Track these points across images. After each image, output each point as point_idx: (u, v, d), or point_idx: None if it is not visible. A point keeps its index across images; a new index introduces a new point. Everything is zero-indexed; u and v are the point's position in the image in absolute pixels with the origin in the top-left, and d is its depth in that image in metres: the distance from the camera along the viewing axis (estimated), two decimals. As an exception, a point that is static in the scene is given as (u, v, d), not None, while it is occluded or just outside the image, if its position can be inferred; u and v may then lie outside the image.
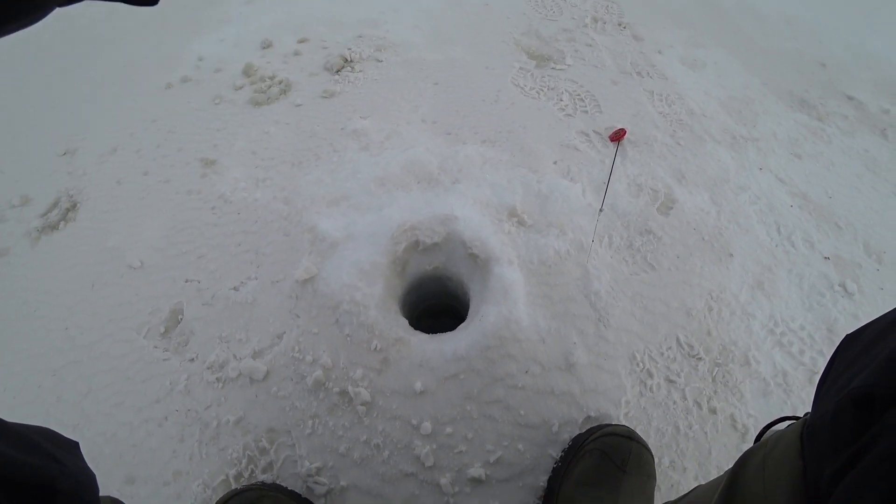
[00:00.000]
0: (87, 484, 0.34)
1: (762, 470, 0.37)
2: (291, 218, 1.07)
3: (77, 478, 0.33)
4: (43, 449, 0.33)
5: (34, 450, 0.33)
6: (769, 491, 0.35)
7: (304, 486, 0.82)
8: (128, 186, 1.36)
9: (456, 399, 0.82)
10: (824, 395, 0.35)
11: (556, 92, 1.41)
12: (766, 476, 0.37)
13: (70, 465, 0.34)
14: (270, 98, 1.41)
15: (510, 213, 1.02)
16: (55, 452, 0.34)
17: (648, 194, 1.20)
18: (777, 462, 0.36)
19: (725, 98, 1.58)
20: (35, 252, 1.30)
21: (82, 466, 0.35)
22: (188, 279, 1.09)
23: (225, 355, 0.95)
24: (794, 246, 1.23)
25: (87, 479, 0.35)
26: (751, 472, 0.38)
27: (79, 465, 0.35)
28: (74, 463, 0.35)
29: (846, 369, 0.34)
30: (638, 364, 0.94)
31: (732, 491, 0.39)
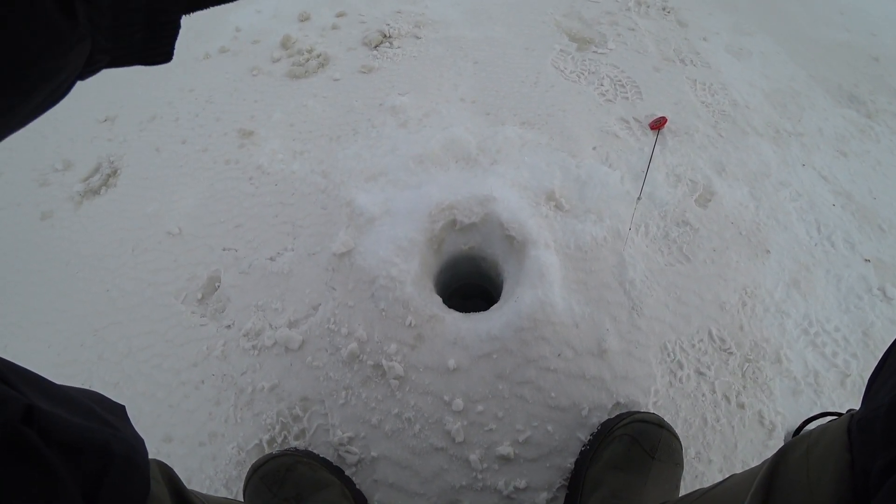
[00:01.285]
0: (140, 448, 0.35)
1: (806, 460, 0.37)
2: (329, 191, 1.08)
3: (130, 442, 0.34)
4: (96, 413, 0.34)
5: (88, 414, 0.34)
6: (813, 481, 0.35)
7: (336, 454, 0.84)
8: (166, 154, 1.38)
9: (488, 378, 0.83)
10: (877, 391, 0.35)
11: (597, 76, 1.38)
12: (809, 466, 0.36)
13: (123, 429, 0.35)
14: (308, 71, 1.40)
15: (548, 196, 1.01)
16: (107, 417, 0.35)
17: (687, 185, 1.18)
18: (822, 453, 0.36)
19: (770, 90, 1.53)
20: (77, 216, 1.34)
21: (133, 431, 0.36)
22: (225, 247, 1.11)
23: (261, 324, 0.97)
24: (834, 246, 1.20)
25: (139, 443, 0.36)
26: (793, 463, 0.38)
27: (129, 429, 0.36)
28: (125, 427, 0.36)
29: None
30: (669, 354, 0.94)
31: (773, 479, 0.39)
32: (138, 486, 0.35)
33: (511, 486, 0.78)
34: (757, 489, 0.39)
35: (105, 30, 0.24)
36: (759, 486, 0.39)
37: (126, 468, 0.33)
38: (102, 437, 0.32)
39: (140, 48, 0.27)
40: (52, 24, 0.21)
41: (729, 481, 0.50)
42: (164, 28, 0.27)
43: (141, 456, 0.35)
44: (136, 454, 0.34)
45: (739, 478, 0.48)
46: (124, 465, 0.33)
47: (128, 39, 0.26)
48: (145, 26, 0.26)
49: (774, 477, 0.39)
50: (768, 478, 0.39)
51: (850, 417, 0.36)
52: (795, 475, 0.37)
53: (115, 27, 0.24)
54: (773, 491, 0.38)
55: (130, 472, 0.34)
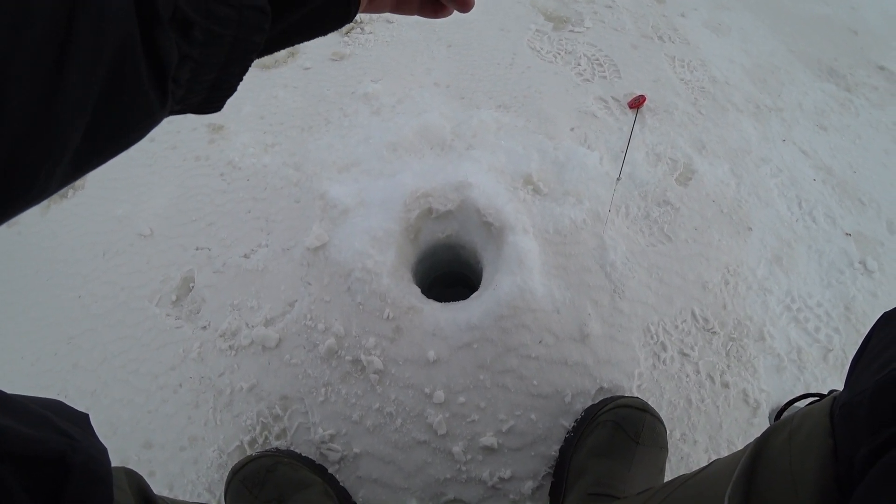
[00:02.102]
0: (99, 458, 0.34)
1: (788, 447, 0.36)
2: (302, 184, 1.05)
3: (90, 452, 0.32)
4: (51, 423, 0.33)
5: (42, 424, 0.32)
6: (796, 468, 0.34)
7: (318, 452, 0.82)
8: (134, 154, 1.34)
9: (469, 368, 0.81)
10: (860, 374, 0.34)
11: (574, 56, 1.35)
12: (792, 453, 0.35)
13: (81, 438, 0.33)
14: (278, 61, 1.36)
15: (526, 180, 0.99)
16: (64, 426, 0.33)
17: (667, 164, 1.16)
18: (804, 440, 0.35)
19: (750, 65, 1.51)
20: (45, 221, 1.29)
21: (93, 440, 0.35)
22: (198, 247, 1.08)
23: (237, 323, 0.94)
24: (816, 221, 1.20)
25: (99, 452, 0.34)
26: (776, 449, 0.37)
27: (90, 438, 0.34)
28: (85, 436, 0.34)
29: (885, 348, 0.32)
30: (652, 336, 0.93)
31: (755, 466, 0.38)
32: (100, 496, 0.33)
33: (496, 477, 0.77)
34: (739, 476, 0.38)
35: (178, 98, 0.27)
36: (742, 472, 0.38)
37: (85, 478, 0.31)
38: (58, 448, 0.30)
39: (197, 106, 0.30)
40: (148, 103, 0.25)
41: (711, 467, 0.50)
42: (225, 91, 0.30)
43: (101, 465, 0.34)
44: (96, 463, 0.33)
45: (722, 463, 0.47)
46: (83, 476, 0.31)
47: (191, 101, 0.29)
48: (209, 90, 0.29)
49: (757, 463, 0.38)
50: (751, 464, 0.38)
51: (832, 401, 0.36)
52: (778, 462, 0.36)
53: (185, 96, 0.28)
54: (756, 478, 0.37)
55: (90, 482, 0.32)
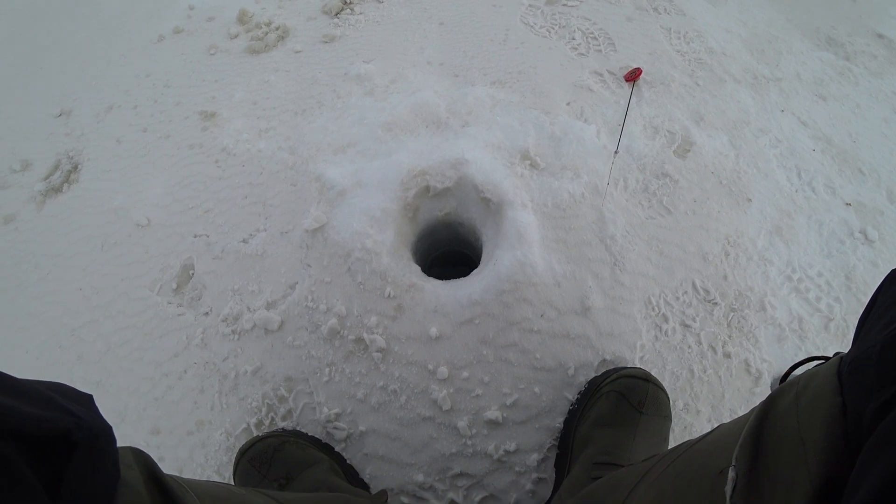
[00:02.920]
0: (104, 435, 0.34)
1: (795, 407, 0.35)
2: (298, 167, 1.04)
3: (94, 430, 0.32)
4: (56, 402, 0.33)
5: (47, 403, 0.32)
6: (804, 426, 0.33)
7: (324, 431, 0.83)
8: (128, 144, 1.33)
9: (472, 343, 0.81)
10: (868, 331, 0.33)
11: (568, 30, 1.33)
12: (799, 412, 0.35)
13: (85, 416, 0.33)
14: (268, 45, 1.34)
15: (523, 155, 0.98)
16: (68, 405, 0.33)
17: (665, 136, 1.15)
18: (812, 399, 0.34)
19: (748, 35, 1.49)
20: (42, 216, 1.29)
21: (98, 418, 0.34)
22: (196, 234, 1.07)
23: (238, 307, 0.94)
24: (815, 191, 1.19)
25: (104, 430, 0.34)
26: (782, 409, 0.36)
27: (94, 416, 0.34)
28: (89, 415, 0.34)
29: (892, 305, 0.32)
30: (653, 308, 0.93)
31: (762, 428, 0.37)
32: (106, 473, 0.34)
33: (501, 450, 0.78)
34: (746, 437, 0.38)
35: None
36: (749, 434, 0.38)
37: (90, 455, 0.32)
38: (62, 426, 0.30)
39: None
40: None
41: (716, 432, 0.49)
42: None
43: (107, 442, 0.34)
44: (101, 440, 0.33)
45: (726, 428, 0.46)
46: (88, 453, 0.31)
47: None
48: None
49: (763, 424, 0.37)
50: (757, 427, 0.37)
51: (839, 360, 0.35)
52: (785, 422, 0.35)
53: None
54: (763, 438, 0.37)
55: (95, 459, 0.32)
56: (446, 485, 0.78)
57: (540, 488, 0.78)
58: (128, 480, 0.35)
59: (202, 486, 0.49)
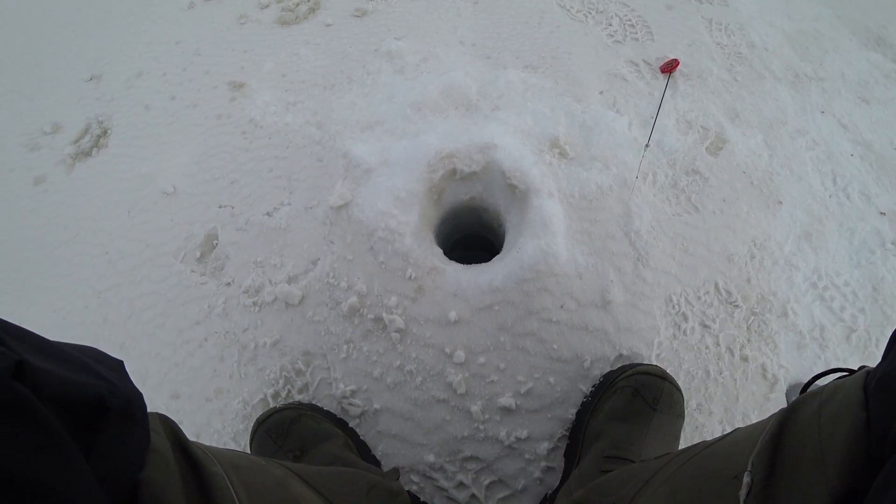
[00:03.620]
0: (137, 402, 0.34)
1: (818, 417, 0.35)
2: (324, 143, 1.04)
3: (127, 396, 0.33)
4: (91, 368, 0.33)
5: (82, 369, 0.33)
6: (825, 439, 0.33)
7: (339, 407, 0.85)
8: (156, 112, 1.33)
9: (490, 330, 0.82)
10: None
11: (605, 16, 1.29)
12: (822, 424, 0.34)
13: (118, 383, 0.33)
14: (299, 17, 1.33)
15: (552, 143, 0.97)
16: (102, 371, 0.34)
17: (698, 132, 1.12)
18: (836, 411, 0.34)
19: (792, 31, 1.43)
20: (71, 179, 1.31)
21: (130, 385, 0.35)
22: (221, 205, 1.08)
23: (261, 280, 0.96)
24: (850, 198, 1.15)
25: (136, 397, 0.35)
26: (804, 419, 0.36)
27: (126, 383, 0.35)
28: (122, 381, 0.34)
29: None
30: (674, 306, 0.92)
31: (782, 436, 0.36)
32: (137, 438, 0.34)
33: (512, 437, 0.79)
34: (764, 445, 0.37)
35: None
36: (767, 441, 0.37)
37: (123, 421, 0.32)
38: (97, 392, 0.31)
39: None
40: None
41: (733, 435, 0.49)
42: None
43: (139, 409, 0.35)
44: (134, 407, 0.34)
45: (744, 432, 0.46)
46: (121, 419, 0.32)
47: None
48: None
49: (784, 433, 0.36)
50: (777, 434, 0.37)
51: (866, 374, 0.34)
52: (806, 432, 0.35)
53: None
54: (782, 447, 0.36)
55: (128, 425, 0.33)
56: (456, 467, 0.79)
57: (548, 477, 0.79)
58: (156, 446, 0.36)
59: (223, 454, 0.50)
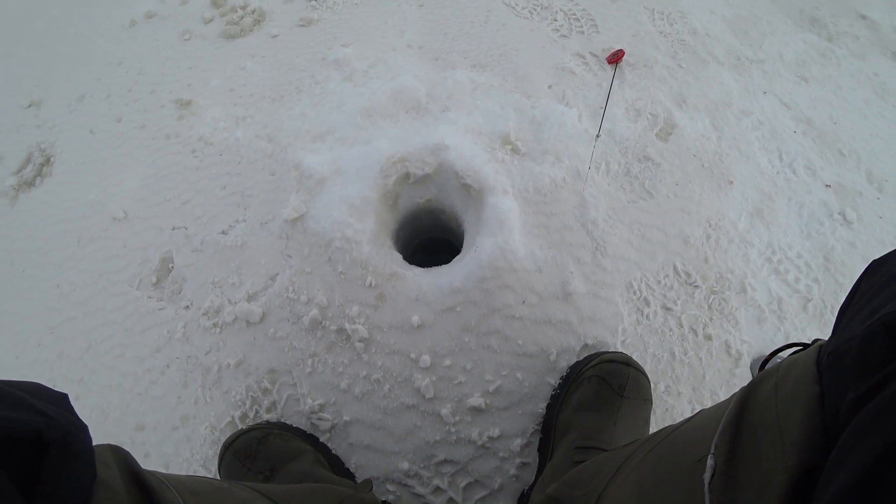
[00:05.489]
0: (77, 434, 0.33)
1: (774, 395, 0.35)
2: (276, 156, 1.02)
3: (66, 429, 0.32)
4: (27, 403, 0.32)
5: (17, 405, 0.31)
6: (782, 416, 0.33)
7: (309, 422, 0.83)
8: (101, 135, 1.29)
9: (454, 331, 0.81)
10: (849, 322, 0.33)
11: (550, 11, 1.31)
12: (778, 402, 0.35)
13: (57, 416, 0.32)
14: (244, 30, 1.30)
15: (504, 140, 0.97)
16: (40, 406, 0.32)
17: (647, 119, 1.15)
18: (791, 388, 0.34)
19: (732, 16, 1.48)
20: (15, 211, 1.26)
21: (72, 417, 0.34)
22: (175, 226, 1.05)
23: (220, 300, 0.93)
24: (796, 173, 1.20)
25: (77, 429, 0.33)
26: (762, 398, 0.36)
27: (67, 416, 0.34)
28: (62, 414, 0.33)
29: (874, 296, 0.32)
30: (635, 292, 0.93)
31: (741, 416, 0.37)
32: (81, 472, 0.33)
33: (485, 436, 0.79)
34: (725, 426, 0.38)
35: None
36: (728, 422, 0.38)
37: (63, 456, 0.31)
38: (33, 427, 0.30)
39: None
40: None
41: (696, 418, 0.49)
42: None
43: (80, 442, 0.33)
44: (74, 439, 0.32)
45: (707, 414, 0.46)
46: (61, 453, 0.31)
47: None
48: None
49: (743, 414, 0.37)
50: (737, 415, 0.37)
51: (818, 349, 0.35)
52: (764, 411, 0.35)
53: None
54: (742, 427, 0.37)
55: (68, 458, 0.32)
56: (431, 472, 0.79)
57: (524, 473, 0.79)
58: (104, 479, 0.35)
59: (183, 482, 0.48)
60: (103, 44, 1.48)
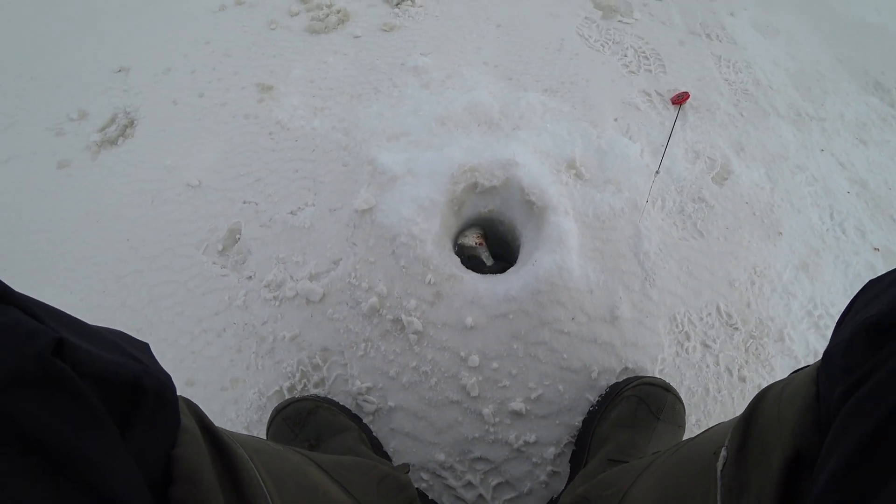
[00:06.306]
0: (169, 384, 0.35)
1: (780, 397, 0.39)
2: (351, 149, 1.08)
3: (160, 378, 0.34)
4: (123, 349, 0.34)
5: (116, 349, 0.33)
6: (783, 413, 0.38)
7: (354, 403, 0.88)
8: (183, 107, 1.37)
9: (504, 337, 0.85)
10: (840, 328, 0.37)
11: (621, 47, 1.36)
12: (782, 400, 0.39)
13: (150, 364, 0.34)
14: (328, 27, 1.38)
15: (569, 164, 1.02)
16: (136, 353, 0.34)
17: (705, 162, 1.18)
18: (794, 389, 0.38)
19: (795, 71, 1.51)
20: (95, 165, 1.34)
21: (160, 367, 0.36)
22: (246, 201, 1.12)
23: (282, 275, 0.99)
24: (845, 233, 1.21)
25: (168, 379, 0.35)
26: (770, 399, 0.41)
27: (157, 365, 0.36)
28: (153, 363, 0.35)
29: (864, 307, 0.35)
30: (677, 325, 0.96)
31: (753, 414, 0.41)
32: (170, 419, 0.35)
33: (521, 440, 0.82)
34: (738, 423, 0.42)
35: None
36: (741, 420, 0.42)
37: (157, 402, 0.33)
38: (133, 372, 0.32)
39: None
40: None
41: (714, 427, 0.54)
42: None
43: (171, 391, 0.35)
44: (165, 388, 0.34)
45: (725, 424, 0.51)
46: (155, 400, 0.33)
47: None
48: None
49: (754, 412, 0.41)
50: (749, 414, 0.42)
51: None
52: (770, 410, 0.39)
53: None
54: (752, 423, 0.41)
55: (161, 405, 0.34)
56: (465, 467, 0.82)
57: (553, 481, 0.82)
58: (187, 427, 0.37)
59: (244, 439, 0.51)
60: (193, 24, 1.58)
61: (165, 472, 0.33)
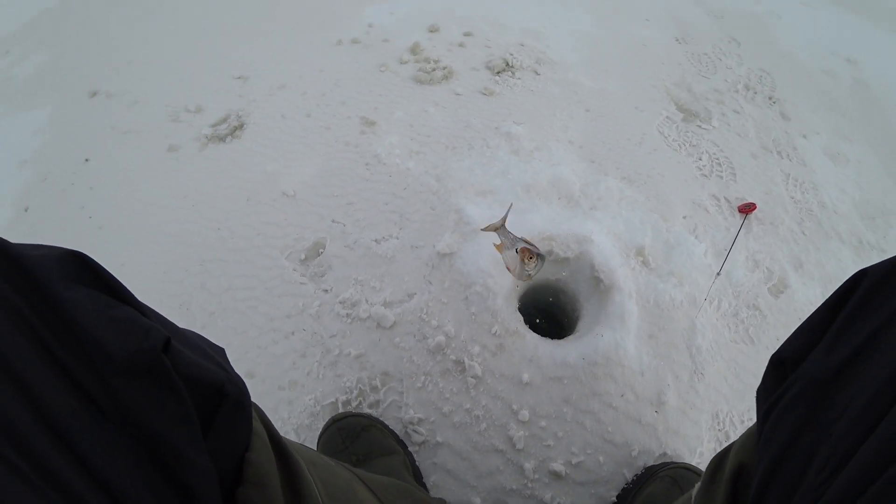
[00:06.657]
0: (245, 390, 0.38)
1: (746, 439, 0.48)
2: (440, 195, 1.19)
3: (240, 385, 0.36)
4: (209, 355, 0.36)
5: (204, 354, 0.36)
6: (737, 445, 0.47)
7: (404, 430, 0.93)
8: (291, 122, 1.52)
9: (556, 399, 0.91)
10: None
11: (697, 150, 1.46)
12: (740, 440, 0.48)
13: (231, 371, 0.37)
14: (433, 80, 1.53)
15: (638, 251, 1.09)
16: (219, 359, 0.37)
17: (764, 272, 1.24)
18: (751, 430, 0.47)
19: (861, 200, 1.57)
20: (201, 155, 1.49)
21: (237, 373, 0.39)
22: (335, 220, 1.23)
23: (358, 296, 1.08)
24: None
25: (244, 385, 0.38)
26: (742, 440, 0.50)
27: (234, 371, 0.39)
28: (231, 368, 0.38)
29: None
30: (719, 423, 1.00)
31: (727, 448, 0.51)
32: (244, 425, 0.38)
33: (556, 501, 0.86)
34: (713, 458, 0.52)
35: None
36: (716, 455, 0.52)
37: (235, 408, 0.35)
38: (219, 378, 0.34)
39: None
40: None
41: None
42: None
43: (247, 397, 0.38)
44: (243, 395, 0.37)
45: None
46: (234, 405, 0.36)
47: None
48: None
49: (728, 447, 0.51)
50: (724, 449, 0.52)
51: None
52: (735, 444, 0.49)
53: None
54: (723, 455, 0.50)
55: (238, 411, 0.36)
56: (497, 515, 0.86)
57: (579, 549, 0.85)
58: (258, 431, 0.40)
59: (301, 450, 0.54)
60: (310, 52, 1.77)
61: (235, 473, 0.35)
